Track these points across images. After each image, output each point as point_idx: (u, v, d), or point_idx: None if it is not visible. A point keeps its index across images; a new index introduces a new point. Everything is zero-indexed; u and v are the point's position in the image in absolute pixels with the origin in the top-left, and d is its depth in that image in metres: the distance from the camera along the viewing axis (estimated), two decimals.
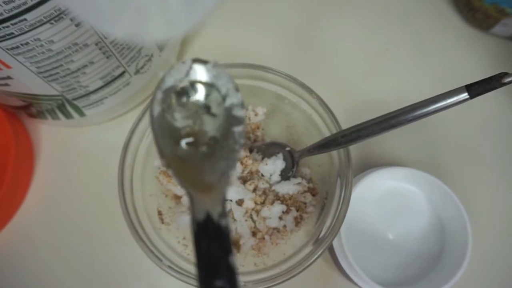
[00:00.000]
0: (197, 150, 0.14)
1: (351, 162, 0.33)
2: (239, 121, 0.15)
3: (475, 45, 0.49)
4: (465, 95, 0.26)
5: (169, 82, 0.13)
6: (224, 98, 0.14)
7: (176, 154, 0.14)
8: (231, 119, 0.14)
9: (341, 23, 0.51)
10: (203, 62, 0.14)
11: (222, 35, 0.50)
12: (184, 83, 0.13)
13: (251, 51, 0.49)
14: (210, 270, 0.13)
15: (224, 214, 0.14)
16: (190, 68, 0.13)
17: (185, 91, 0.14)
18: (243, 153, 0.29)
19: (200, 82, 0.14)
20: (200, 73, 0.14)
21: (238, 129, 0.15)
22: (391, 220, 0.38)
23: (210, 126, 0.14)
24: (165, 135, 0.13)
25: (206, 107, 0.14)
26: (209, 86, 0.14)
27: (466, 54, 0.49)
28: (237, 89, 0.15)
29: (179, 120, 0.14)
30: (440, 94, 0.27)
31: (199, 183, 0.14)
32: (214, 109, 0.14)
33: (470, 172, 0.44)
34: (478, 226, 0.41)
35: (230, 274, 0.13)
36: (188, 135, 0.14)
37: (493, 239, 0.41)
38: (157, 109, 0.13)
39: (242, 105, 0.15)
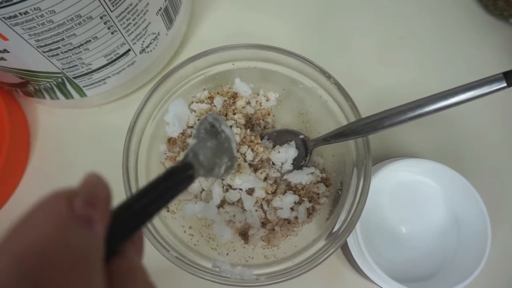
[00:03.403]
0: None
1: (370, 153, 0.32)
2: (227, 135, 0.25)
3: (494, 34, 0.47)
4: (502, 83, 0.24)
5: (201, 125, 0.25)
6: (220, 125, 0.25)
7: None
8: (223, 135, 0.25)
9: (357, 10, 0.48)
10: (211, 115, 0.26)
11: (230, 17, 0.48)
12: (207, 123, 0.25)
13: (260, 35, 0.46)
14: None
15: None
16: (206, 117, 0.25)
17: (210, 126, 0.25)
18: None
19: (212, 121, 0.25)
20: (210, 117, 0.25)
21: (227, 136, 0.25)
22: (406, 213, 0.37)
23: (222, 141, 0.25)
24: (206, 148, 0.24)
25: (220, 131, 0.25)
26: (217, 122, 0.25)
27: (485, 43, 0.47)
28: (225, 124, 0.25)
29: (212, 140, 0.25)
30: (474, 82, 0.25)
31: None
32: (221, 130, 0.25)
33: (492, 168, 0.42)
34: (497, 225, 0.40)
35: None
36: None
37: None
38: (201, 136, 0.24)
39: (227, 126, 0.25)
